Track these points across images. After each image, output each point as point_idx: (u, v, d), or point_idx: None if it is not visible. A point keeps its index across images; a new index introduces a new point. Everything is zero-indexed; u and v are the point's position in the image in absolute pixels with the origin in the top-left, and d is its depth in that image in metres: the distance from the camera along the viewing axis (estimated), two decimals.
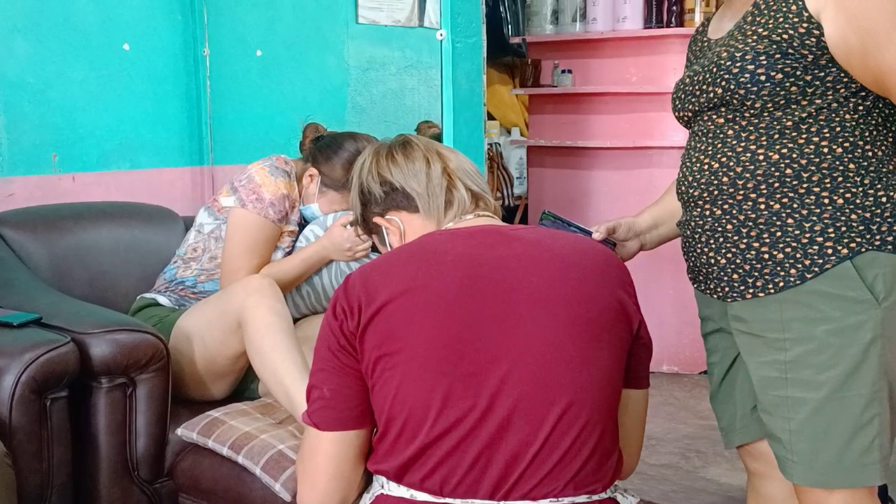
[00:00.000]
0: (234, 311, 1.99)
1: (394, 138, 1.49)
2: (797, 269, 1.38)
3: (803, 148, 1.38)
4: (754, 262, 1.41)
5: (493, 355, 1.21)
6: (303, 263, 2.21)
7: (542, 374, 1.21)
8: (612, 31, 3.87)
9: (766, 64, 1.36)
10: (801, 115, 1.38)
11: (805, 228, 1.37)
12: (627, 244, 1.71)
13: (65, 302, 2.14)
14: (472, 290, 1.23)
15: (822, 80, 1.36)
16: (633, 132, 3.82)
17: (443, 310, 1.22)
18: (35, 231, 2.40)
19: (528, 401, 1.21)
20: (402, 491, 1.24)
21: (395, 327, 1.22)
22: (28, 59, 2.62)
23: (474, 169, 1.47)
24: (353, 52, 3.00)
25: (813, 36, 1.34)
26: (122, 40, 2.81)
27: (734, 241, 1.43)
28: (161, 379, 1.98)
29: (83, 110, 2.75)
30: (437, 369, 1.20)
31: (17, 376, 1.77)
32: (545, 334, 1.22)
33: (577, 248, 1.32)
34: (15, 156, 2.62)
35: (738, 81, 1.38)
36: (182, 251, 2.35)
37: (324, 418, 1.28)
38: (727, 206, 1.43)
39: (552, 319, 1.23)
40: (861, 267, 1.35)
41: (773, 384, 1.42)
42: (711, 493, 2.65)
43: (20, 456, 1.78)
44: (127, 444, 1.95)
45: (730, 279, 1.45)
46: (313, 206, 2.28)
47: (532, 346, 1.22)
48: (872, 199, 1.37)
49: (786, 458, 1.43)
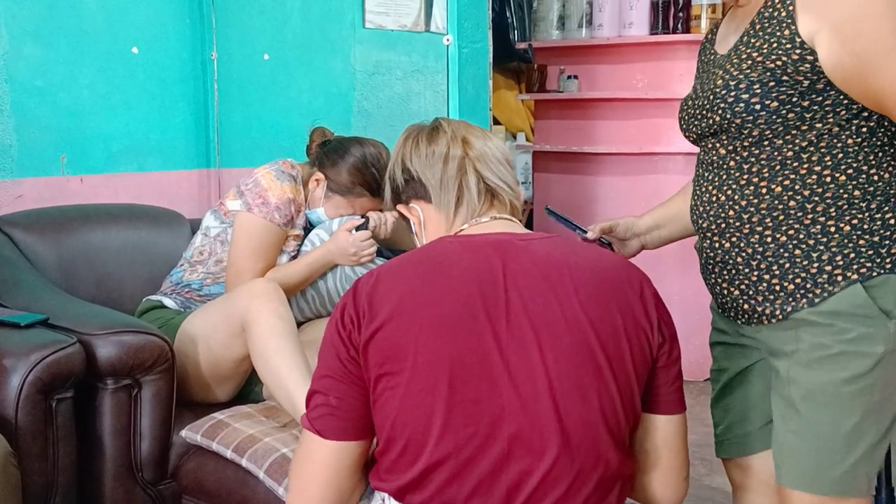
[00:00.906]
0: (239, 315, 2.00)
1: (430, 122, 1.44)
2: (808, 299, 1.37)
3: (805, 179, 1.36)
4: (766, 293, 1.40)
5: (495, 381, 1.17)
6: (308, 268, 2.22)
7: (542, 405, 1.17)
8: (618, 36, 3.87)
9: (759, 93, 1.34)
10: (801, 144, 1.35)
11: (813, 258, 1.36)
12: (628, 243, 1.70)
13: (71, 303, 2.15)
14: (476, 310, 1.18)
15: (821, 105, 1.33)
16: (640, 138, 3.82)
17: (445, 332, 1.18)
18: (43, 232, 2.42)
19: (529, 430, 1.17)
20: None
21: (397, 347, 1.18)
22: (37, 62, 2.64)
23: (502, 156, 1.39)
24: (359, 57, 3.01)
25: (807, 62, 1.31)
26: (131, 44, 2.83)
27: (745, 274, 1.42)
28: (166, 381, 1.99)
29: (91, 113, 2.76)
30: (437, 394, 1.17)
31: (24, 376, 1.78)
32: (548, 362, 1.18)
33: (591, 265, 1.25)
34: (24, 158, 2.63)
35: (734, 111, 1.36)
36: (188, 254, 2.35)
37: (328, 426, 1.24)
38: (735, 238, 1.42)
39: (556, 346, 1.18)
40: (872, 289, 1.34)
41: (779, 386, 1.43)
42: (717, 502, 2.64)
43: (25, 456, 1.79)
44: (131, 446, 1.96)
45: (742, 310, 1.45)
46: (319, 210, 2.29)
47: (534, 373, 1.17)
48: (881, 222, 1.35)
49: (780, 461, 1.43)
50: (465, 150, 1.37)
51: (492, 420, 1.17)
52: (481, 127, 1.46)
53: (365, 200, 2.27)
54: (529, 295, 1.20)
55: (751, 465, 1.59)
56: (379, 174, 2.22)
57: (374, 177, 2.24)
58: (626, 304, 1.23)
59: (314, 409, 1.26)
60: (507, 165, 1.40)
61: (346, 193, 2.26)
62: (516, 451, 1.17)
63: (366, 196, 2.26)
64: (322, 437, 1.24)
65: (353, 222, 2.21)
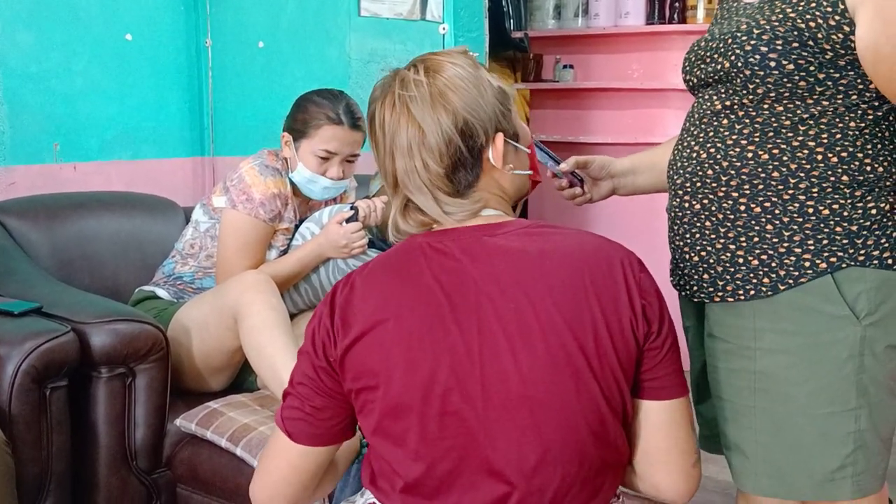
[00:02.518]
0: (231, 308, 2.00)
1: (408, 67, 1.24)
2: (770, 279, 1.31)
3: (796, 152, 1.30)
4: (728, 264, 1.34)
5: (468, 393, 1.13)
6: (299, 262, 2.20)
7: (519, 416, 1.13)
8: (614, 26, 3.86)
9: (780, 50, 1.26)
10: (802, 116, 1.29)
11: (784, 237, 1.30)
12: (600, 184, 1.62)
13: (65, 291, 2.14)
14: (447, 321, 1.13)
15: (836, 82, 1.27)
16: (635, 128, 3.82)
17: (416, 345, 1.13)
18: (36, 220, 2.41)
19: (507, 443, 1.13)
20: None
21: (370, 362, 1.15)
22: (30, 49, 2.62)
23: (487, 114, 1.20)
24: (354, 45, 2.99)
25: (842, 32, 1.24)
26: (125, 30, 2.81)
27: (710, 240, 1.36)
28: (160, 369, 1.98)
29: (85, 100, 2.75)
30: (412, 409, 1.13)
31: (18, 365, 1.78)
32: (522, 370, 1.12)
33: (569, 256, 1.17)
34: (17, 145, 2.62)
35: (747, 60, 1.29)
36: (180, 246, 2.35)
37: (298, 430, 1.22)
38: (707, 201, 1.36)
39: (531, 353, 1.13)
40: (842, 282, 1.29)
41: (739, 393, 1.36)
42: (709, 491, 2.65)
43: (19, 444, 1.78)
44: (126, 434, 1.96)
45: (700, 278, 1.39)
46: (299, 168, 2.23)
47: (508, 383, 1.13)
48: (861, 210, 1.29)
49: (748, 471, 1.37)
50: (446, 118, 1.22)
51: (468, 432, 1.13)
52: None
53: (327, 131, 2.18)
54: (501, 301, 1.14)
55: None
56: (330, 98, 2.21)
57: (324, 103, 2.20)
58: (607, 294, 1.15)
59: (288, 409, 1.23)
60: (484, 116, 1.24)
61: (308, 131, 2.20)
62: (496, 464, 1.14)
63: (325, 124, 2.18)
64: (291, 439, 1.22)
65: (343, 214, 2.19)
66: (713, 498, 2.62)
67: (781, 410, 1.32)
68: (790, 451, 1.33)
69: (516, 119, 1.26)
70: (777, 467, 1.35)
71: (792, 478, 1.34)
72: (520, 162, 1.26)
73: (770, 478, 1.36)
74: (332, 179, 2.22)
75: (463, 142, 1.18)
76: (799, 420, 1.32)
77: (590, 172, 1.61)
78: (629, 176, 1.63)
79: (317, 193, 2.27)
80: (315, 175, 2.22)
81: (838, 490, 1.32)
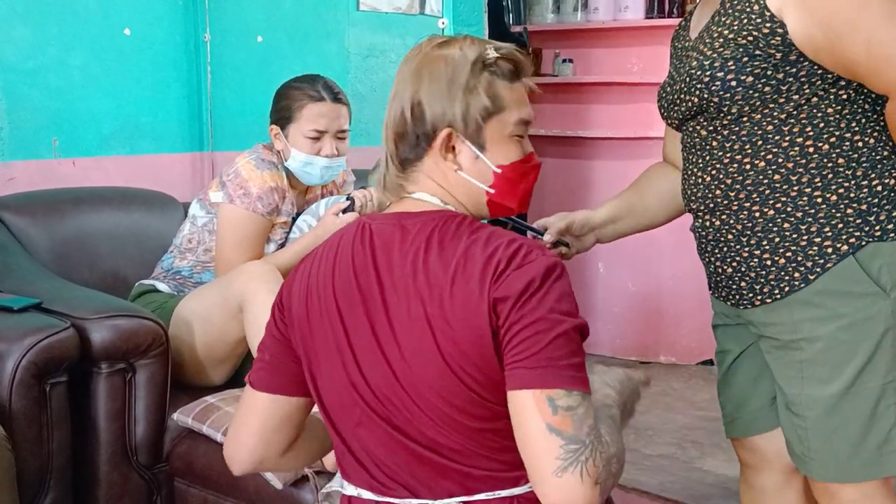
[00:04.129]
0: (236, 297, 2.00)
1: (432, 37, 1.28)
2: (800, 273, 1.37)
3: (788, 151, 1.36)
4: (758, 269, 1.41)
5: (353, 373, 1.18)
6: (297, 255, 2.19)
7: (395, 400, 1.16)
8: (613, 20, 3.85)
9: (734, 69, 1.34)
10: (780, 117, 1.36)
11: (802, 231, 1.36)
12: (584, 238, 1.68)
13: (65, 287, 2.14)
14: (352, 318, 1.18)
15: (796, 76, 1.34)
16: (634, 123, 3.82)
17: (330, 326, 1.20)
18: (35, 216, 2.40)
19: (391, 449, 1.18)
20: (350, 489, 1.24)
21: (303, 339, 1.24)
22: (28, 44, 2.61)
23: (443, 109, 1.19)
24: (353, 40, 2.99)
25: (777, 35, 1.32)
26: (123, 25, 2.80)
27: (737, 250, 1.43)
28: (160, 365, 1.98)
29: (84, 95, 2.74)
30: (333, 382, 1.22)
31: (18, 361, 1.78)
32: (391, 360, 1.15)
33: (435, 249, 1.15)
34: (15, 140, 2.61)
35: (711, 90, 1.37)
36: (178, 241, 2.35)
37: (258, 378, 1.29)
38: (724, 216, 1.43)
39: (403, 344, 1.14)
40: (864, 260, 1.34)
41: (791, 383, 1.42)
42: (708, 484, 2.66)
43: (20, 440, 1.78)
44: (126, 430, 1.96)
45: (738, 287, 1.45)
46: (293, 154, 2.23)
47: (383, 369, 1.16)
48: (867, 189, 1.35)
49: (804, 456, 1.43)
50: (411, 94, 1.26)
51: (360, 403, 1.18)
52: None
53: (311, 109, 2.20)
54: (386, 288, 1.16)
55: (757, 444, 1.60)
56: (307, 80, 2.24)
57: (303, 85, 2.23)
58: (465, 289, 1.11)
59: (255, 362, 1.32)
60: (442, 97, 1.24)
61: (293, 115, 2.21)
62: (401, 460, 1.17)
63: (307, 103, 2.20)
64: (252, 387, 1.29)
65: (339, 205, 2.19)
66: (712, 491, 2.62)
67: (828, 393, 1.38)
68: (838, 433, 1.39)
69: (496, 137, 1.22)
70: (828, 451, 1.40)
71: (842, 459, 1.39)
72: (476, 171, 1.22)
73: (820, 462, 1.41)
74: (328, 157, 2.22)
75: (412, 120, 1.20)
76: (845, 401, 1.37)
77: (572, 232, 1.66)
78: (609, 225, 1.69)
79: (316, 177, 2.26)
80: (310, 156, 2.22)
81: (886, 466, 1.38)
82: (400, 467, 1.18)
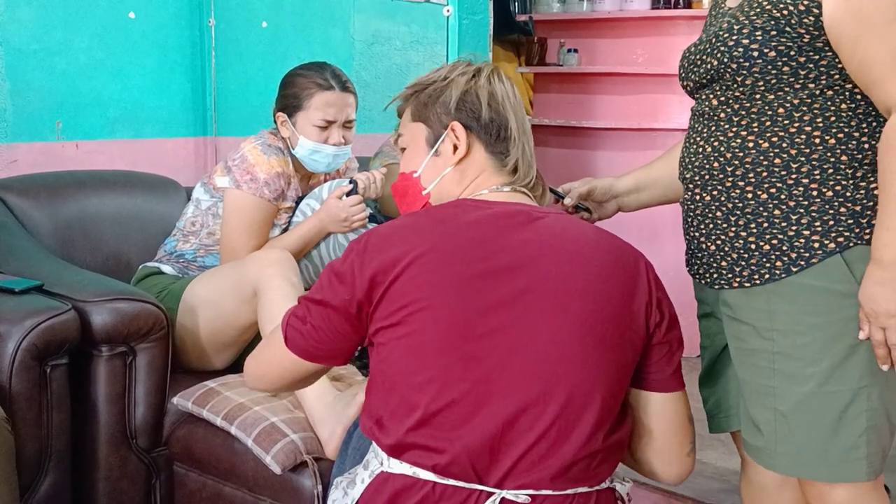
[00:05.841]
0: (251, 282, 2.00)
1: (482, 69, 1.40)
2: (783, 262, 1.36)
3: (794, 137, 1.35)
4: (742, 251, 1.40)
5: (497, 343, 1.20)
6: (301, 239, 2.21)
7: (543, 370, 1.20)
8: (619, 10, 3.84)
9: (760, 39, 1.34)
10: (793, 102, 1.35)
11: (791, 220, 1.35)
12: (605, 205, 1.68)
13: (66, 269, 2.15)
14: (487, 273, 1.22)
15: (816, 64, 1.33)
16: (639, 113, 3.81)
17: (453, 290, 1.21)
18: (38, 198, 2.40)
19: (526, 394, 1.20)
20: (405, 468, 1.22)
21: (406, 300, 1.21)
22: (33, 26, 2.61)
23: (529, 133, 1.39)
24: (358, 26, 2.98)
25: (812, 14, 1.31)
26: (128, 8, 2.80)
27: (723, 229, 1.42)
28: (161, 348, 1.99)
29: (88, 78, 2.74)
30: (439, 349, 1.20)
31: (18, 342, 1.78)
32: (552, 329, 1.21)
33: (602, 244, 1.29)
34: (19, 122, 2.61)
35: (732, 55, 1.36)
36: (181, 224, 2.35)
37: (295, 341, 1.31)
38: (716, 192, 1.42)
39: (562, 315, 1.22)
40: (851, 261, 1.33)
41: (759, 373, 1.41)
42: (708, 477, 2.66)
43: (19, 422, 1.79)
44: (126, 413, 1.97)
45: (718, 266, 1.44)
46: (301, 141, 2.22)
47: (537, 338, 1.21)
48: (864, 192, 1.34)
49: (765, 448, 1.42)
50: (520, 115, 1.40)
51: (490, 379, 1.20)
52: None
53: (320, 98, 2.19)
54: (542, 263, 1.23)
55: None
56: (315, 68, 2.23)
57: (311, 73, 2.22)
58: (631, 281, 1.27)
59: (294, 318, 1.32)
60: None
61: (301, 104, 2.21)
62: (514, 411, 1.20)
63: (317, 92, 2.20)
64: (286, 345, 1.32)
65: (342, 188, 2.19)
66: (712, 484, 2.63)
67: (798, 390, 1.37)
68: (806, 430, 1.37)
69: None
70: (794, 446, 1.39)
71: (808, 457, 1.38)
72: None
73: (787, 457, 1.40)
74: (335, 146, 2.22)
75: None
76: (815, 400, 1.36)
77: (594, 198, 1.67)
78: (633, 194, 1.69)
79: (322, 165, 2.26)
80: (318, 144, 2.22)
81: (853, 471, 1.36)
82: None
